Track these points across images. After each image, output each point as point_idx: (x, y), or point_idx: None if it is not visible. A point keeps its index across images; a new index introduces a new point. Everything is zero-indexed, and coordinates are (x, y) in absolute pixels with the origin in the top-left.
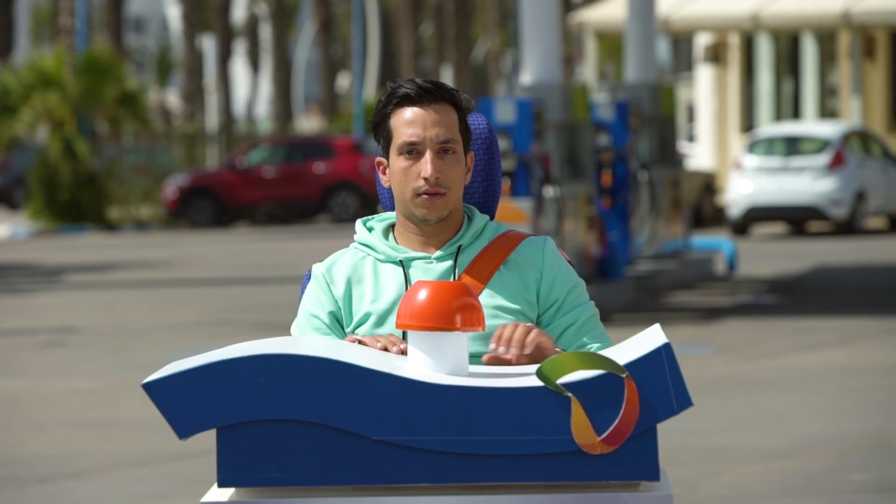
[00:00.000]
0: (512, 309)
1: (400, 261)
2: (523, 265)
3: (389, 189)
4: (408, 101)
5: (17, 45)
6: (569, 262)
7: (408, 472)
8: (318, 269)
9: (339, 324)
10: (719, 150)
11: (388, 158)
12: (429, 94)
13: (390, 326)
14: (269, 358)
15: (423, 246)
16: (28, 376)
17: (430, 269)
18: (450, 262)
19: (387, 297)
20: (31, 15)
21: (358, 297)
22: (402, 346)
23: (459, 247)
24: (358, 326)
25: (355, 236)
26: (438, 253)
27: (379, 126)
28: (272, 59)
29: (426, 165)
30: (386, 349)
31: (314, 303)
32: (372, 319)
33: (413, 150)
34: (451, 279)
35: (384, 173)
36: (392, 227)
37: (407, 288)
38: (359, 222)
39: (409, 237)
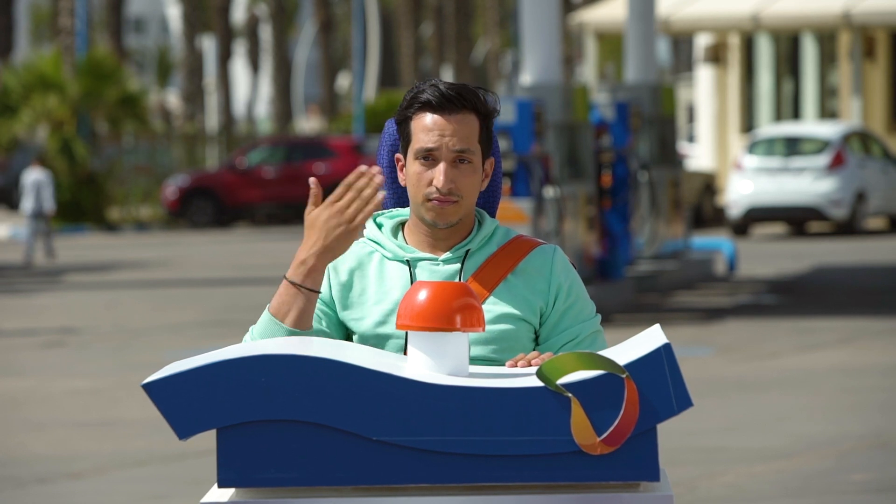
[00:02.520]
0: (516, 315)
1: (407, 260)
2: (531, 274)
3: (392, 191)
4: (429, 107)
5: (17, 45)
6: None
7: (408, 473)
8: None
9: (327, 311)
10: (719, 150)
11: (405, 158)
12: (450, 104)
13: (393, 325)
14: (269, 358)
15: (432, 248)
16: (28, 376)
17: (437, 270)
18: (456, 266)
19: (392, 295)
20: (31, 15)
21: (360, 290)
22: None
23: (467, 251)
24: (357, 320)
25: (364, 231)
26: (446, 255)
27: (401, 125)
28: (272, 60)
29: (439, 175)
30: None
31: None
32: (375, 318)
33: (429, 157)
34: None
35: (401, 171)
36: (402, 224)
37: (412, 281)
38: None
39: (418, 237)
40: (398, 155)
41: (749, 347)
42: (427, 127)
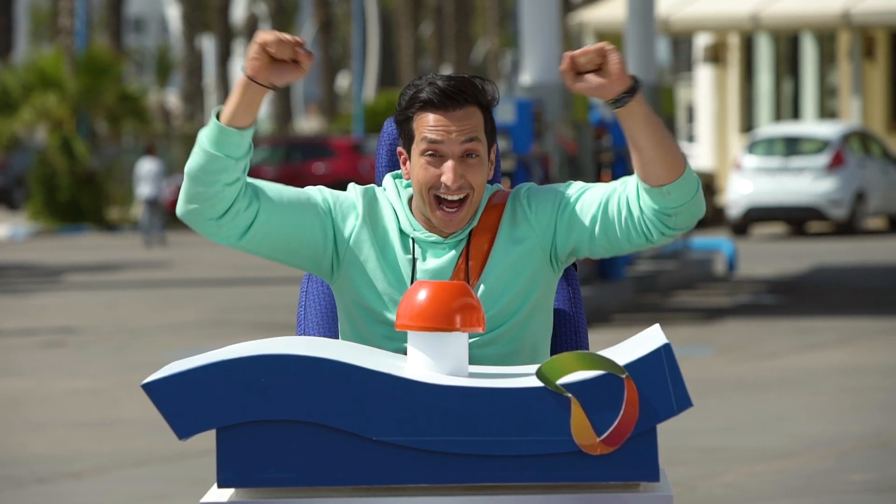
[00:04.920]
0: (523, 257)
1: (412, 238)
2: (514, 218)
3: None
4: (430, 106)
5: (17, 45)
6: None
7: (408, 473)
8: (358, 190)
9: (324, 214)
10: (719, 150)
11: (409, 153)
12: (451, 101)
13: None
14: (269, 358)
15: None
16: (28, 376)
17: (441, 252)
18: (460, 248)
19: (393, 267)
20: (31, 15)
21: (369, 241)
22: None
23: (471, 231)
24: (354, 272)
25: (386, 192)
26: (450, 238)
27: (402, 124)
28: None
29: (448, 173)
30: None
31: (331, 195)
32: (375, 272)
33: (435, 154)
34: (463, 261)
35: (404, 164)
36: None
37: (415, 261)
38: (389, 178)
39: (425, 218)
40: (400, 149)
41: (749, 347)
42: (431, 126)
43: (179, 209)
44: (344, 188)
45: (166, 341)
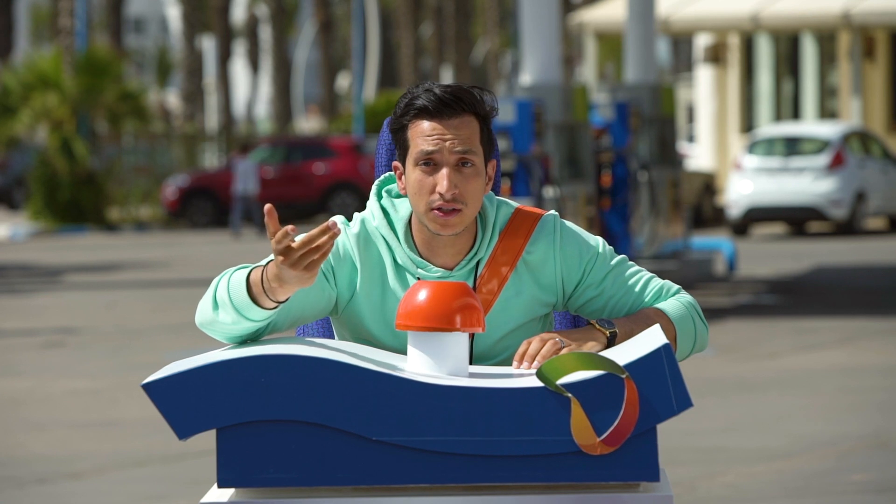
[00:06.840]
0: (523, 321)
1: (418, 277)
2: (537, 268)
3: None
4: (426, 113)
5: (17, 45)
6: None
7: (408, 473)
8: (351, 238)
9: (328, 285)
10: (719, 150)
11: (404, 166)
12: (447, 108)
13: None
14: (269, 358)
15: (440, 248)
16: (28, 376)
17: None
18: (469, 281)
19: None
20: (31, 15)
21: (371, 291)
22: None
23: (478, 262)
24: (362, 310)
25: (374, 221)
26: (457, 269)
27: (397, 133)
28: (272, 60)
29: (442, 181)
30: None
31: (332, 260)
32: (378, 316)
33: (429, 162)
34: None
35: (400, 179)
36: (410, 216)
37: None
38: (373, 200)
39: (423, 237)
40: (396, 163)
41: (749, 347)
42: (425, 134)
43: (201, 322)
44: (344, 188)
45: (166, 341)
